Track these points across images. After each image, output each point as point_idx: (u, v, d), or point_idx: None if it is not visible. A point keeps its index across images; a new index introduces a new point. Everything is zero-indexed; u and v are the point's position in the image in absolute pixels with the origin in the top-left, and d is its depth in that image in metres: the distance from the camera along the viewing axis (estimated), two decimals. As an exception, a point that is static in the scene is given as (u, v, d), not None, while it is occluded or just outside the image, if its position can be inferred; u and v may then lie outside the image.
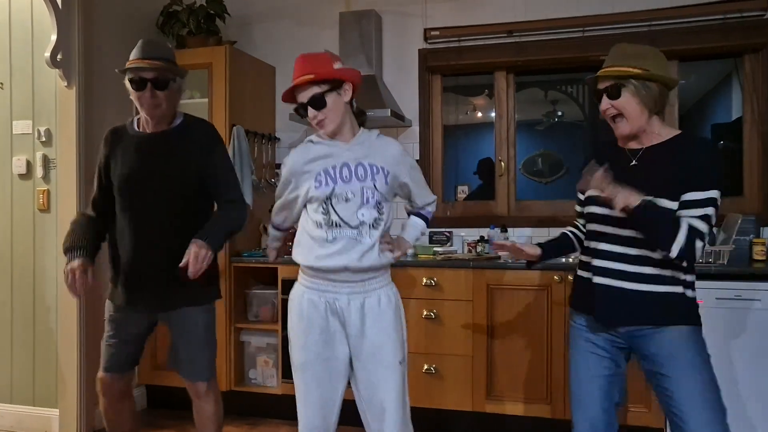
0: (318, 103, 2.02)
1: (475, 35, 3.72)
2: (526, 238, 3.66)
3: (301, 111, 2.07)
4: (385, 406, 2.04)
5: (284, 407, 3.52)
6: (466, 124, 4.63)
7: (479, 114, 4.82)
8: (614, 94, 1.91)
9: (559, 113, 5.01)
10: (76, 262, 2.18)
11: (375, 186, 2.03)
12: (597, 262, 1.97)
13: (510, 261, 3.22)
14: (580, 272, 2.09)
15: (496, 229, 3.58)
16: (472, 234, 3.72)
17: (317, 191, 2.02)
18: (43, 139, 3.33)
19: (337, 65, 2.04)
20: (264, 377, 3.58)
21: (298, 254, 2.09)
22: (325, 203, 2.02)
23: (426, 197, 2.26)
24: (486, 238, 3.61)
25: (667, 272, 1.89)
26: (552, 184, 4.74)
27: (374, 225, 2.03)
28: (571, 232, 2.25)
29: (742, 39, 3.32)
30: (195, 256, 2.08)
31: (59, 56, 3.15)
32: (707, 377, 1.87)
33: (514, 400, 3.12)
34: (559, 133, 5.05)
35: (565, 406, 3.04)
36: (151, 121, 2.31)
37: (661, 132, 1.96)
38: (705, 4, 3.36)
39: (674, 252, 1.79)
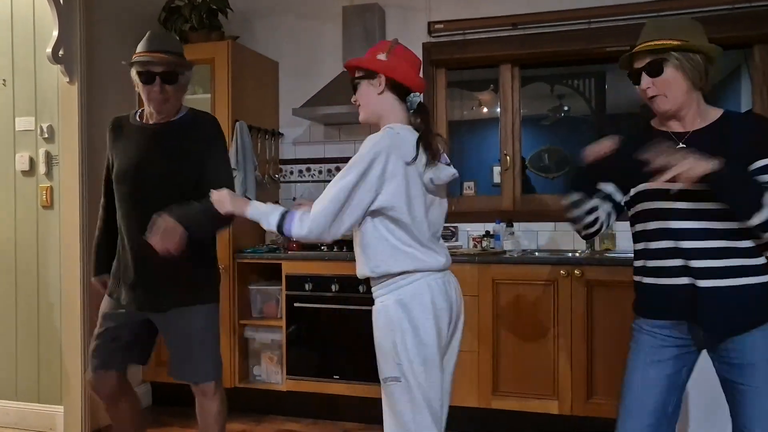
0: (353, 88, 1.98)
1: (480, 28, 3.68)
2: (532, 232, 3.63)
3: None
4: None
5: (289, 404, 3.51)
6: (472, 119, 4.60)
7: (485, 109, 4.78)
8: (656, 70, 1.74)
9: (565, 108, 4.96)
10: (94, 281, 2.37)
11: None
12: (686, 263, 1.73)
13: (516, 255, 3.19)
14: (651, 279, 1.82)
15: (501, 223, 3.55)
16: (477, 229, 3.68)
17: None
18: (46, 135, 3.31)
19: (380, 56, 1.94)
20: (269, 374, 3.56)
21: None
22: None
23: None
24: (492, 232, 3.57)
25: (750, 261, 1.72)
26: (558, 179, 4.70)
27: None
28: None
29: (751, 29, 3.26)
30: (158, 230, 2.00)
31: (61, 52, 3.13)
32: None
33: (521, 396, 3.09)
34: (565, 128, 5.01)
35: (572, 401, 3.01)
36: (158, 115, 2.27)
37: (706, 112, 1.80)
38: (713, -7, 3.31)
39: (757, 220, 1.62)
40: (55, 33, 3.11)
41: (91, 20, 3.29)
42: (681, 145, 1.77)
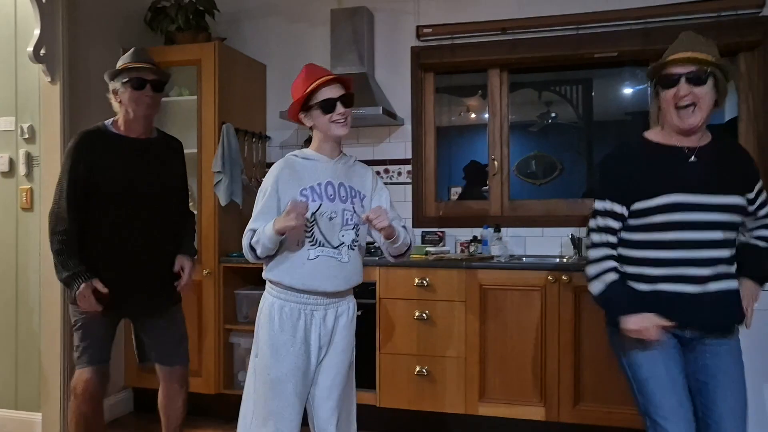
0: (349, 102, 2.08)
1: (469, 33, 3.67)
2: (519, 238, 3.62)
3: (323, 108, 2.05)
4: (337, 409, 2.12)
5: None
6: (460, 125, 4.59)
7: (473, 115, 4.77)
8: (700, 80, 1.79)
9: (553, 115, 4.97)
10: (83, 287, 2.27)
11: (354, 209, 2.10)
12: (686, 271, 1.85)
13: (504, 260, 3.17)
14: (661, 286, 1.89)
15: (489, 228, 3.53)
16: (464, 234, 3.67)
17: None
18: (26, 136, 3.25)
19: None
20: (253, 380, 3.51)
21: (279, 272, 2.07)
22: (311, 220, 2.04)
23: (396, 220, 2.13)
24: (479, 238, 3.56)
25: (732, 268, 1.91)
26: (546, 186, 4.70)
27: (352, 246, 2.09)
28: (618, 274, 1.95)
29: (737, 37, 3.28)
30: (189, 274, 2.48)
31: (42, 51, 3.07)
32: (745, 390, 1.89)
33: (508, 403, 3.07)
34: (552, 134, 5.02)
35: (559, 408, 2.99)
36: (142, 124, 2.40)
37: (706, 132, 1.94)
38: (699, 1, 3.33)
39: None
40: (37, 32, 3.06)
41: (74, 19, 3.24)
42: (693, 158, 1.87)
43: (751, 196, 1.94)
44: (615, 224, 1.95)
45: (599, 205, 1.97)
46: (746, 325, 1.93)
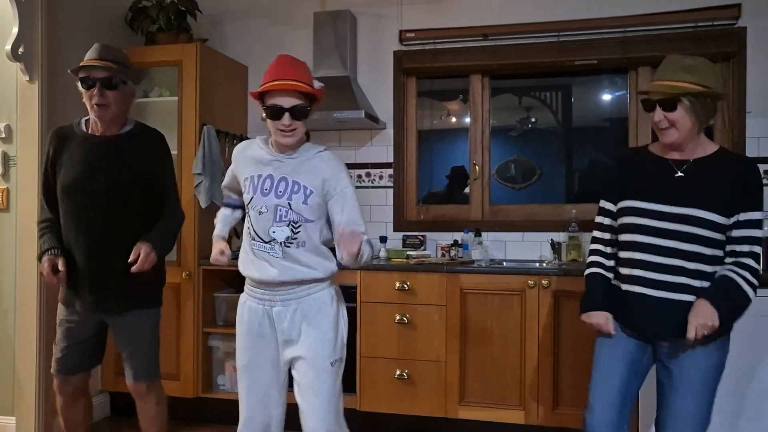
0: (300, 114, 2.01)
1: (451, 38, 3.70)
2: (500, 242, 3.64)
3: (269, 113, 2.02)
4: (316, 409, 2.05)
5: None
6: (441, 129, 4.61)
7: (453, 119, 4.80)
8: (669, 107, 1.93)
9: (533, 120, 5.02)
10: (45, 259, 2.27)
11: (290, 205, 2.02)
12: (643, 273, 1.98)
13: (485, 264, 3.19)
14: (614, 283, 2.10)
15: (470, 233, 3.56)
16: (445, 238, 3.69)
17: (244, 194, 2.13)
18: (3, 135, 3.20)
19: (315, 83, 2.09)
20: (233, 383, 3.48)
21: (239, 262, 2.15)
22: (245, 212, 2.10)
23: (355, 225, 2.05)
24: (460, 242, 3.58)
25: (696, 282, 1.95)
26: (525, 190, 4.75)
27: (287, 244, 2.03)
28: (600, 268, 2.14)
29: (713, 47, 3.35)
30: (145, 255, 2.23)
31: (21, 50, 3.03)
32: (708, 397, 1.96)
33: (488, 406, 3.09)
34: (532, 139, 5.07)
35: (538, 411, 3.02)
36: (100, 123, 2.35)
37: (704, 144, 2.02)
38: (677, 12, 3.39)
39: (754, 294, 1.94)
40: (15, 30, 3.01)
41: (53, 18, 3.19)
42: (679, 173, 1.99)
43: (732, 221, 1.94)
44: (608, 222, 2.13)
45: (600, 203, 2.18)
46: (687, 337, 1.88)
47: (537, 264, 3.45)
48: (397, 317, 3.16)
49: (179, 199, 2.57)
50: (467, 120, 3.93)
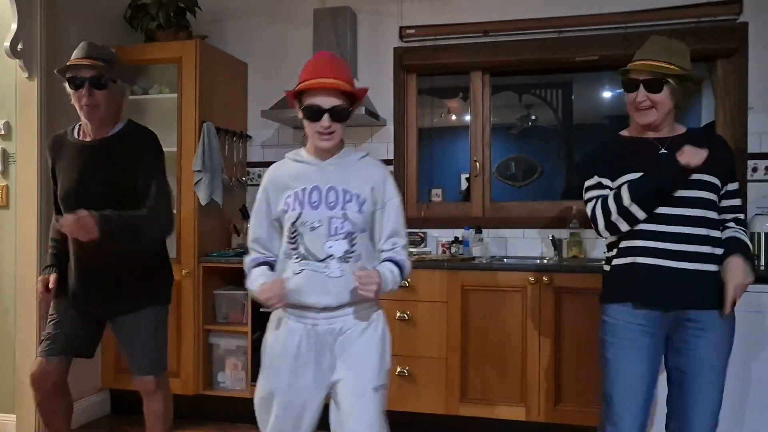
0: (340, 115, 1.85)
1: (451, 35, 3.68)
2: (501, 239, 3.64)
3: (307, 114, 1.86)
4: None
5: (253, 411, 3.42)
6: (441, 127, 4.61)
7: (453, 117, 4.79)
8: (655, 88, 1.95)
9: (533, 117, 5.01)
10: (39, 278, 2.32)
11: (346, 216, 1.85)
12: (654, 244, 1.95)
13: (485, 261, 3.19)
14: (635, 259, 1.98)
15: (470, 230, 3.55)
16: (446, 235, 3.68)
17: (285, 215, 1.88)
18: (2, 132, 3.19)
19: (356, 82, 1.96)
20: (233, 381, 3.48)
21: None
22: (292, 230, 1.86)
23: (396, 236, 1.95)
24: (461, 239, 3.57)
25: (708, 249, 1.95)
26: (525, 188, 4.74)
27: (345, 259, 1.85)
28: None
29: (715, 43, 3.34)
30: (77, 217, 2.04)
31: (20, 46, 3.02)
32: (722, 386, 1.96)
33: (489, 403, 3.08)
34: (532, 137, 5.06)
35: (540, 408, 3.01)
36: (90, 125, 2.31)
37: (675, 126, 2.08)
38: (679, 7, 3.38)
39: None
40: (14, 26, 3.01)
41: (53, 14, 3.18)
42: (663, 150, 2.02)
43: (722, 192, 2.02)
44: (605, 192, 2.05)
45: (588, 182, 2.11)
46: (727, 303, 1.89)
47: (538, 260, 3.44)
48: (398, 314, 3.16)
49: (169, 204, 2.42)
50: (467, 118, 3.91)
